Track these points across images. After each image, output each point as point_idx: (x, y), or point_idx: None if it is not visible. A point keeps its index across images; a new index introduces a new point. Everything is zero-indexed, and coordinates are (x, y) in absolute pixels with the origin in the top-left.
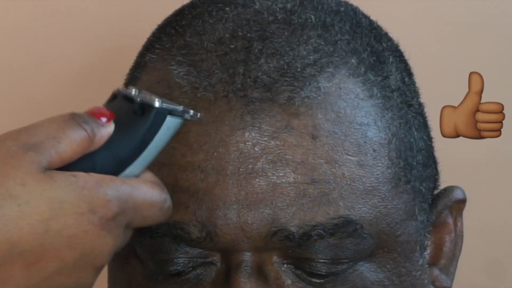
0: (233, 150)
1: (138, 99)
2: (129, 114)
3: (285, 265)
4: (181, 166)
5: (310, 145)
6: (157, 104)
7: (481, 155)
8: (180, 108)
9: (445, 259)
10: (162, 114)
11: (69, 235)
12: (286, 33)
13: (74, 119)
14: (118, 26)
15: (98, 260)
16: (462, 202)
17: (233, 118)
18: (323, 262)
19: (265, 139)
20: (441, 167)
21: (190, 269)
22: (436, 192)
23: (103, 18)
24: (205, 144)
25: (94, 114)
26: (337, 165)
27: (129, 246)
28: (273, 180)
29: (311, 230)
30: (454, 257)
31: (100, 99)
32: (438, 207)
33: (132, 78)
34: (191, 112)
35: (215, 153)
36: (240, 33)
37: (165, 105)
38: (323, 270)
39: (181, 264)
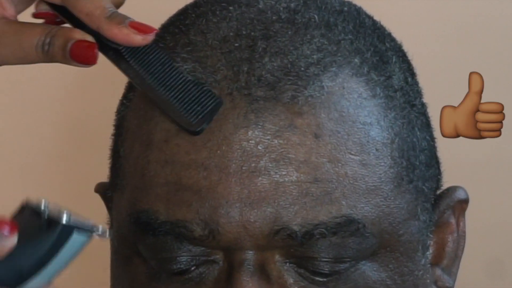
0: (236, 148)
1: (45, 215)
2: (35, 228)
3: (288, 264)
4: (184, 163)
5: (313, 144)
6: (63, 220)
7: (481, 155)
8: (89, 224)
9: (448, 259)
10: (68, 230)
11: None
12: (289, 32)
13: None
14: None
15: None
16: (465, 202)
17: (236, 116)
18: (326, 261)
19: (268, 137)
20: (442, 167)
21: (193, 267)
22: (438, 192)
23: None
24: (208, 141)
25: None
26: (340, 164)
27: (131, 245)
28: (276, 179)
29: (313, 229)
30: (456, 257)
31: (101, 99)
32: (440, 207)
33: None
34: (100, 229)
35: (218, 151)
36: (244, 32)
37: (72, 222)
38: (326, 269)
39: (184, 262)
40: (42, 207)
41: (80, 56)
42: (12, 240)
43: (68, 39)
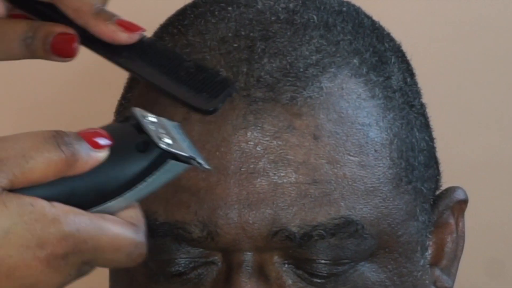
0: (235, 149)
1: (146, 133)
2: (130, 145)
3: (286, 265)
4: None
5: (312, 145)
6: (162, 145)
7: (481, 155)
8: (187, 154)
9: (447, 259)
10: (164, 156)
11: (9, 266)
12: (288, 33)
13: (55, 138)
14: None
15: None
16: (464, 202)
17: (235, 117)
18: (324, 263)
19: (267, 139)
20: (441, 167)
21: (191, 269)
22: (437, 192)
23: None
24: (207, 143)
25: (87, 136)
26: (338, 165)
27: None
28: (274, 180)
29: (312, 230)
30: (455, 258)
31: (101, 99)
32: (439, 208)
33: (134, 78)
34: (199, 161)
35: (217, 153)
36: (243, 33)
37: (171, 149)
38: (324, 271)
39: (182, 264)
40: (146, 123)
41: (60, 49)
42: (100, 155)
43: (49, 33)
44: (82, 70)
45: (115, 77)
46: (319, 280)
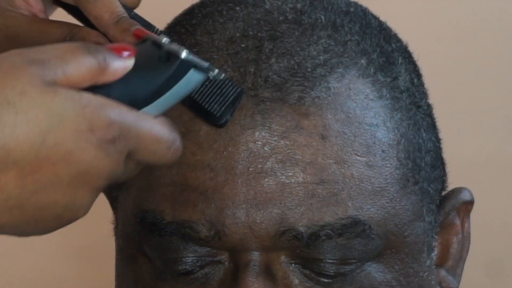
0: (243, 149)
1: (165, 47)
2: (154, 59)
3: (293, 265)
4: (191, 164)
5: (319, 145)
6: (183, 55)
7: (481, 155)
8: (206, 64)
9: (452, 260)
10: (186, 66)
11: (66, 151)
12: (296, 33)
13: (86, 46)
14: None
15: (94, 181)
16: (470, 203)
17: (243, 117)
18: (331, 262)
19: (275, 138)
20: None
21: (198, 268)
22: (443, 193)
23: None
24: (215, 143)
25: (114, 48)
26: (346, 165)
27: (136, 245)
28: (282, 180)
29: (319, 230)
30: (461, 259)
31: None
32: (445, 208)
33: None
34: (216, 71)
35: (225, 152)
36: (250, 33)
37: (190, 57)
38: (331, 270)
39: (190, 263)
40: (163, 40)
41: None
42: (127, 62)
43: (84, 38)
44: None
45: None
46: (326, 280)
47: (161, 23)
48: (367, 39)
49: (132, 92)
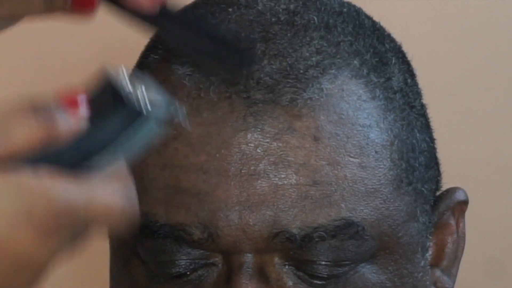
0: (235, 151)
1: (126, 90)
2: (109, 105)
3: (287, 267)
4: (183, 167)
5: (312, 147)
6: (142, 103)
7: (481, 155)
8: (168, 110)
9: (447, 260)
10: (146, 114)
11: (0, 242)
12: (289, 34)
13: (35, 107)
14: (120, 27)
15: (35, 266)
16: (465, 203)
17: (235, 119)
18: (325, 264)
19: (267, 140)
20: (441, 168)
21: (192, 270)
22: (438, 193)
23: (105, 18)
24: (207, 145)
25: (66, 101)
26: (339, 167)
27: (131, 247)
28: (275, 182)
29: (312, 232)
30: (456, 259)
31: None
32: (440, 209)
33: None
34: (180, 117)
35: (217, 155)
36: (243, 34)
37: (151, 107)
38: (325, 272)
39: (183, 265)
40: (121, 84)
41: (80, 2)
42: (80, 123)
43: None
44: (83, 71)
45: None
46: (319, 282)
47: None
48: (360, 40)
49: (84, 141)
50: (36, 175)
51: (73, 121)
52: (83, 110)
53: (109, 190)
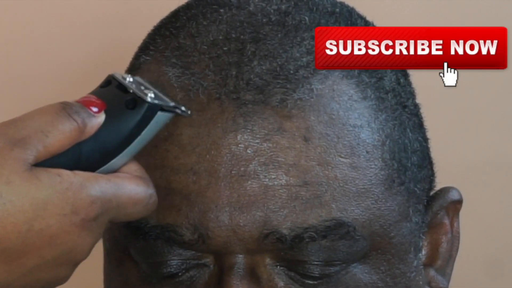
0: (226, 152)
1: (131, 91)
2: (120, 105)
3: (278, 267)
4: (174, 168)
5: (302, 147)
6: (149, 99)
7: (481, 155)
8: (171, 103)
9: (442, 259)
10: (153, 109)
11: (51, 235)
12: (279, 35)
13: (65, 110)
14: (114, 28)
15: (78, 257)
16: (458, 202)
17: (225, 120)
18: (316, 264)
19: (257, 141)
20: (440, 168)
21: (183, 271)
22: (431, 193)
23: (99, 20)
24: (197, 146)
25: (85, 104)
26: (329, 167)
27: (123, 248)
28: (265, 183)
29: (303, 232)
30: (450, 258)
31: None
32: (433, 208)
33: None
34: (182, 108)
35: (208, 156)
36: (233, 35)
37: (156, 101)
38: (316, 272)
39: (174, 266)
40: (127, 82)
41: None
42: (100, 119)
43: None
44: (77, 72)
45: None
46: (311, 282)
47: (147, 25)
48: None
49: (102, 145)
50: (72, 173)
51: (96, 118)
52: (100, 108)
53: (133, 183)
